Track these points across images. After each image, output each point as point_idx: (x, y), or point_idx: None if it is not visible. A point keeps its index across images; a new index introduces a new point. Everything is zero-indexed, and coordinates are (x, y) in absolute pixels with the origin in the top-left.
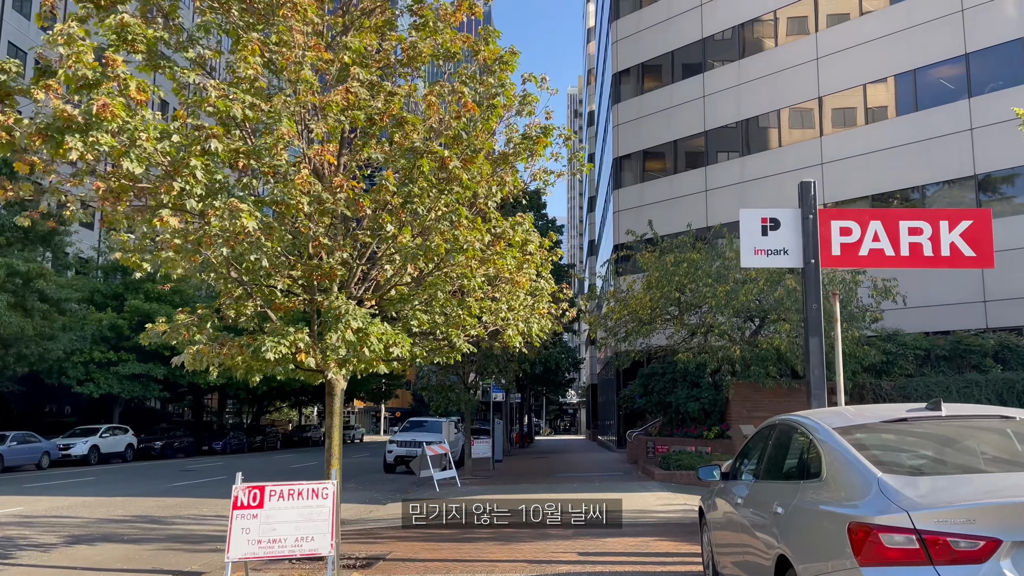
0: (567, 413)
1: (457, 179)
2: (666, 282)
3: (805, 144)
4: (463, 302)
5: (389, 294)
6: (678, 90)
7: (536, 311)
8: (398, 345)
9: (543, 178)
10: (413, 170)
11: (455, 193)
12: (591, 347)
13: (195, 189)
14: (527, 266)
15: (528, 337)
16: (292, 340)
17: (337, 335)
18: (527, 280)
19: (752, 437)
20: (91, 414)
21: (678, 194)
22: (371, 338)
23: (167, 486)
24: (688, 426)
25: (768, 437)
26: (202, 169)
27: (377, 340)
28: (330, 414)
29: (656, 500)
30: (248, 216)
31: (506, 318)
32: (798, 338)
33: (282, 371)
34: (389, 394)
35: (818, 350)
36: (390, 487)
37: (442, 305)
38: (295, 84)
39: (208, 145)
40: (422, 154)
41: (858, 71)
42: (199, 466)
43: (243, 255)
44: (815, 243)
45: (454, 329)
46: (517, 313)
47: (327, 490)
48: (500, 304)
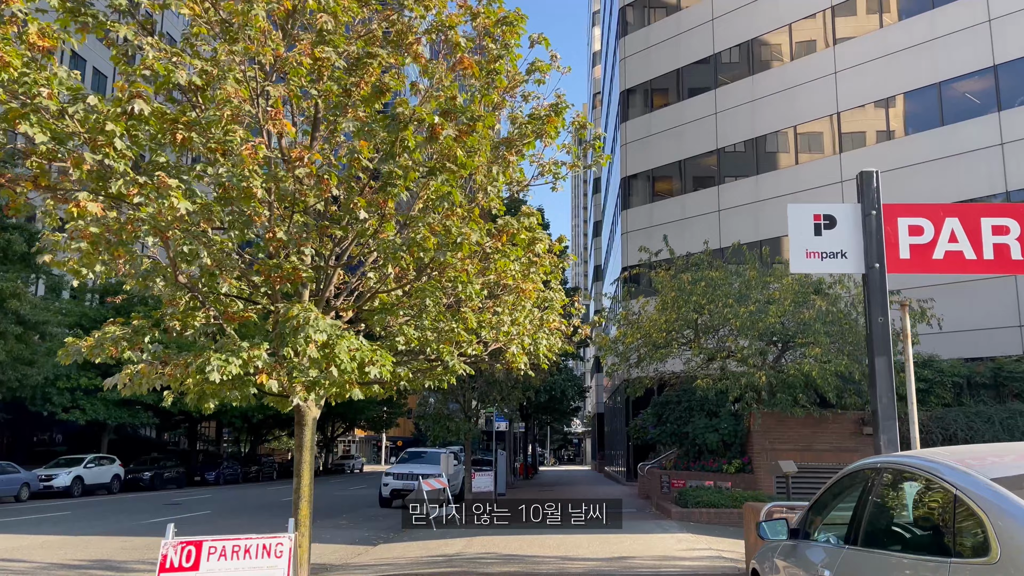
0: (572, 443)
1: (450, 155)
2: (683, 302)
3: (822, 161)
4: (458, 313)
5: (370, 304)
6: (688, 107)
7: (545, 324)
8: (375, 364)
9: (553, 170)
10: (395, 144)
11: (447, 172)
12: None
13: (118, 165)
14: (534, 270)
15: (534, 358)
16: (247, 357)
17: (298, 351)
18: (534, 288)
19: (833, 484)
20: (82, 443)
21: (689, 214)
22: (340, 355)
23: (143, 522)
24: (706, 459)
25: (864, 486)
26: (123, 136)
27: (348, 358)
28: (299, 448)
29: (678, 544)
30: (180, 196)
31: (509, 333)
32: (828, 363)
33: (239, 396)
34: (390, 423)
35: (886, 372)
36: (384, 524)
37: (433, 318)
38: (243, 29)
39: (132, 107)
40: (406, 123)
41: (878, 85)
42: (186, 499)
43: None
44: (879, 244)
45: (447, 346)
46: (522, 328)
47: (282, 546)
48: (503, 316)
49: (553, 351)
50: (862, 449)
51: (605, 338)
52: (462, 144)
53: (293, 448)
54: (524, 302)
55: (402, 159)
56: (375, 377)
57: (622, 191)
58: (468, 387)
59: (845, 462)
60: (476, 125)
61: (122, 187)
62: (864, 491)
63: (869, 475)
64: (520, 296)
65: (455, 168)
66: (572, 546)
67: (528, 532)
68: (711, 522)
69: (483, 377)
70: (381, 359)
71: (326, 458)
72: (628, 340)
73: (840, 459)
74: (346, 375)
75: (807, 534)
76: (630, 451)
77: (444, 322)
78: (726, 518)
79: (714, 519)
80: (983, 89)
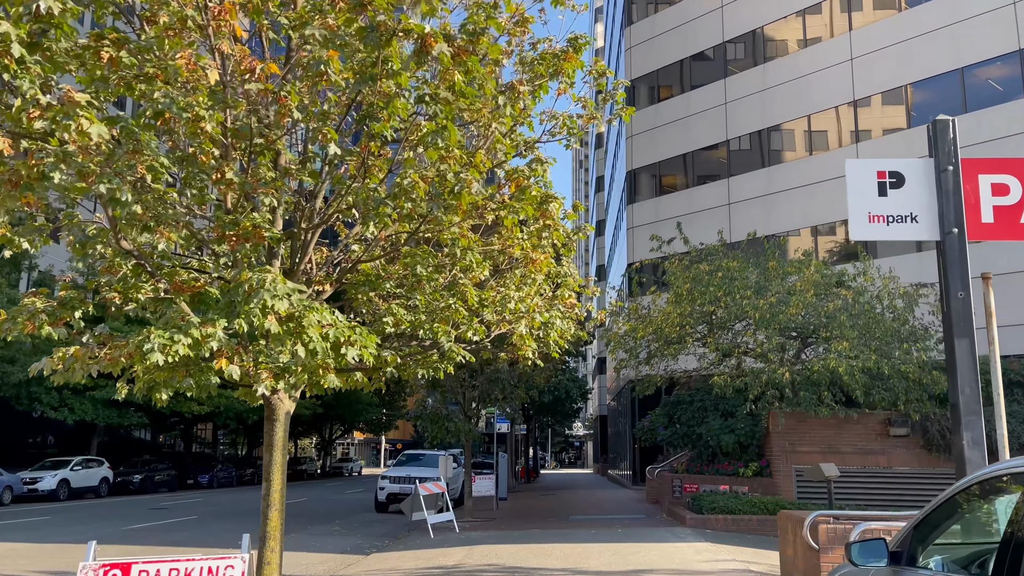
0: (573, 446)
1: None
2: (698, 294)
3: (838, 152)
4: (455, 286)
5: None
6: (697, 97)
7: (560, 300)
8: (354, 344)
9: (568, 124)
10: (376, 64)
11: (443, 103)
12: (600, 376)
13: (21, 83)
14: (547, 235)
15: (544, 345)
16: (199, 336)
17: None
18: (546, 260)
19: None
20: (74, 444)
21: (697, 208)
22: (308, 331)
23: (124, 529)
24: (720, 461)
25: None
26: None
27: (318, 335)
28: (268, 447)
29: (697, 555)
30: (91, 116)
31: (516, 311)
32: (855, 359)
33: (193, 385)
34: (389, 425)
35: (968, 357)
36: (379, 531)
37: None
38: None
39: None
40: (390, 36)
41: (897, 72)
42: (174, 503)
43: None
44: (957, 206)
45: (442, 326)
46: (531, 305)
47: (232, 569)
48: (508, 291)
49: (565, 337)
50: (889, 451)
51: (615, 334)
52: (461, 66)
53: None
54: (534, 274)
55: (384, 84)
56: (354, 361)
57: (627, 185)
58: (468, 385)
59: (871, 465)
60: (479, 41)
61: (22, 109)
62: (1014, 511)
63: (1017, 487)
64: (529, 268)
65: (451, 98)
66: (581, 556)
67: (533, 540)
68: (728, 529)
69: (484, 375)
70: (361, 339)
71: (324, 461)
72: (640, 334)
73: (866, 462)
74: (316, 357)
75: (912, 558)
76: (636, 454)
77: (439, 299)
78: (744, 525)
79: (731, 526)
80: (1007, 75)
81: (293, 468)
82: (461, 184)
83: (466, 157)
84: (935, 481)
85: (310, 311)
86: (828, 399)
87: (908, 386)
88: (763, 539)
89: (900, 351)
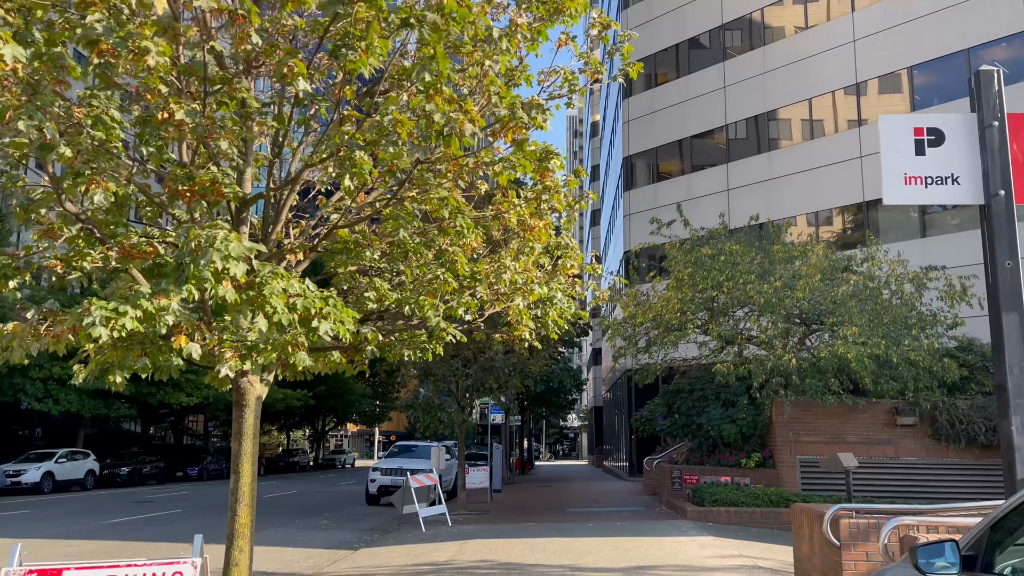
0: (567, 437)
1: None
2: (700, 278)
3: (840, 136)
4: (443, 254)
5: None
6: (695, 81)
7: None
8: (328, 318)
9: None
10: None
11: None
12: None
13: None
14: (547, 198)
15: (542, 326)
16: (151, 308)
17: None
18: (545, 227)
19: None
20: (63, 436)
21: (696, 194)
22: (272, 300)
23: (106, 523)
24: (721, 452)
25: None
26: None
27: (283, 305)
28: (238, 436)
29: (702, 550)
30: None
31: (513, 283)
32: (864, 345)
33: (148, 365)
34: (382, 417)
35: (1017, 333)
36: (369, 524)
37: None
38: None
39: None
40: None
41: (901, 53)
42: (160, 496)
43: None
44: (1004, 165)
45: (429, 299)
46: (529, 276)
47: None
48: (504, 261)
49: (565, 316)
50: (896, 441)
51: (613, 321)
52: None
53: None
54: (532, 242)
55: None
56: (329, 336)
57: (624, 171)
58: (461, 374)
59: (877, 456)
60: None
61: None
62: None
63: None
64: (527, 236)
65: (440, 21)
66: (580, 552)
67: (529, 535)
68: (731, 522)
69: (478, 363)
70: (335, 311)
71: (317, 453)
72: (639, 320)
73: (872, 452)
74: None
75: (988, 564)
76: (632, 445)
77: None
78: (747, 518)
79: (734, 519)
80: (1013, 57)
81: (285, 460)
82: (451, 126)
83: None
84: (944, 472)
85: (273, 277)
86: (836, 387)
87: (918, 374)
88: (768, 532)
89: (910, 338)
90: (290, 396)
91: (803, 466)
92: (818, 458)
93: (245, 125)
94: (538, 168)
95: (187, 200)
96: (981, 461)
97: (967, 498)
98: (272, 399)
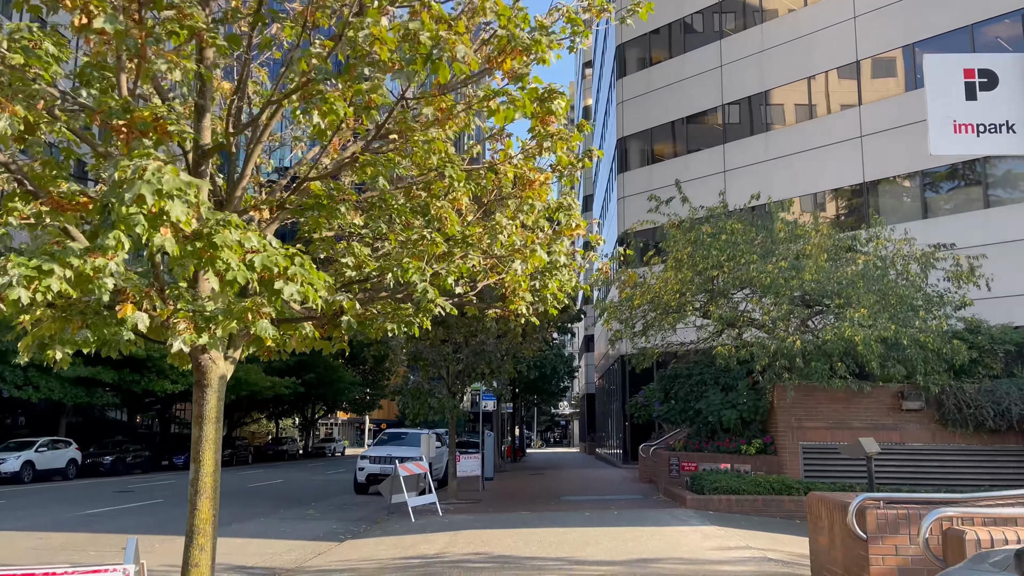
0: (559, 425)
1: None
2: (700, 258)
3: (840, 115)
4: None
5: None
6: (691, 60)
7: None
8: (293, 279)
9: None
10: None
11: None
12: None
13: None
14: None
15: (540, 300)
16: (85, 269)
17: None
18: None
19: None
20: (47, 425)
21: (692, 176)
22: (222, 253)
23: (82, 514)
24: (721, 438)
25: None
26: None
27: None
28: (198, 419)
29: (705, 541)
30: None
31: (511, 244)
32: (872, 327)
33: (90, 338)
34: (373, 404)
35: None
36: (357, 514)
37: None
38: None
39: None
40: None
41: (903, 30)
42: (142, 485)
43: None
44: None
45: (414, 262)
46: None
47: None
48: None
49: (565, 290)
50: (901, 426)
51: (610, 304)
52: None
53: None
54: (532, 199)
55: None
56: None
57: (618, 153)
58: (452, 359)
59: (882, 441)
60: None
61: None
62: None
63: None
64: (526, 193)
65: None
66: (578, 543)
67: (523, 525)
68: (732, 510)
69: (470, 347)
70: (302, 271)
71: (307, 441)
72: (637, 301)
73: (877, 438)
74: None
75: None
76: (627, 432)
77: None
78: (749, 506)
79: (735, 507)
80: (1017, 34)
81: (274, 448)
82: (440, 48)
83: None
84: (951, 458)
85: (225, 227)
86: (842, 371)
87: (926, 356)
88: (771, 521)
89: (918, 319)
90: (278, 383)
91: (805, 452)
92: (822, 444)
93: (201, 57)
94: (539, 112)
95: (123, 138)
96: (989, 446)
97: (975, 484)
98: (260, 386)
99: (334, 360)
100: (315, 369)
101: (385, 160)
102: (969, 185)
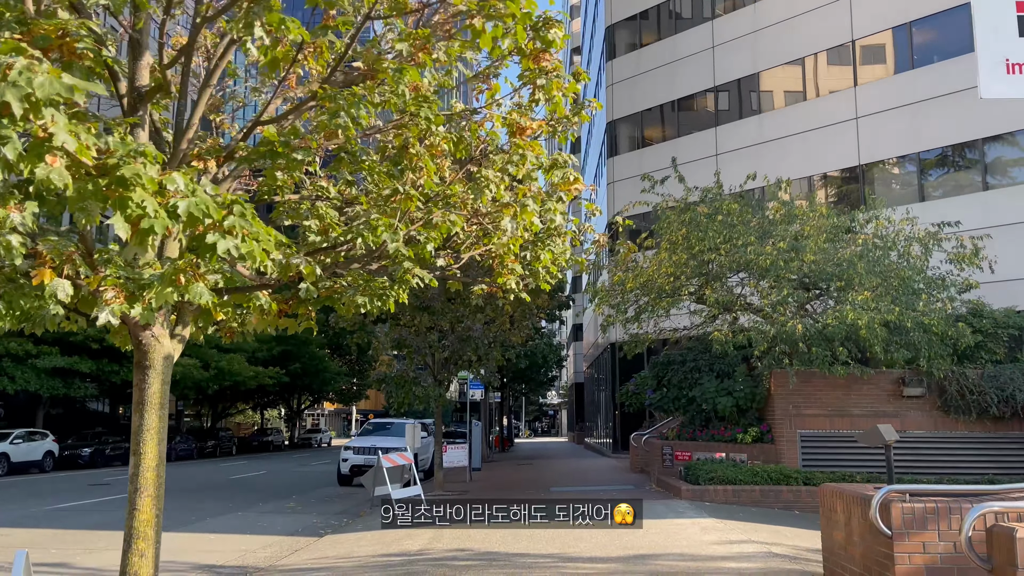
0: (547, 414)
1: None
2: (696, 240)
3: (835, 96)
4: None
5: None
6: (682, 41)
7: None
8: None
9: None
10: None
11: None
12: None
13: None
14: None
15: (531, 273)
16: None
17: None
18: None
19: None
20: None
21: (684, 159)
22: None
23: (50, 509)
24: (716, 427)
25: None
26: None
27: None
28: (139, 406)
29: (705, 535)
30: None
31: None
32: (875, 311)
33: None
34: (359, 395)
35: None
36: (338, 507)
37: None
38: None
39: None
40: None
41: (900, 8)
42: (120, 478)
43: None
44: None
45: (384, 219)
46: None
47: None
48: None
49: (558, 263)
50: (902, 413)
51: (601, 288)
52: None
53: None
54: (523, 149)
55: None
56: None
57: (608, 137)
58: (438, 346)
59: None
60: None
61: None
62: None
63: None
64: (516, 144)
65: None
66: (571, 538)
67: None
68: (729, 501)
69: (456, 334)
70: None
71: (293, 432)
72: (630, 285)
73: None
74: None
75: None
76: (617, 421)
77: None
78: (746, 497)
79: (732, 498)
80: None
81: (259, 439)
82: None
83: None
84: (953, 445)
85: (135, 158)
86: (844, 356)
87: (931, 340)
88: (770, 512)
89: (922, 302)
90: (262, 373)
91: (804, 441)
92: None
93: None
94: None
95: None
96: (993, 433)
97: (979, 473)
98: (243, 376)
99: (320, 350)
100: (300, 359)
101: (349, 95)
102: (966, 169)
